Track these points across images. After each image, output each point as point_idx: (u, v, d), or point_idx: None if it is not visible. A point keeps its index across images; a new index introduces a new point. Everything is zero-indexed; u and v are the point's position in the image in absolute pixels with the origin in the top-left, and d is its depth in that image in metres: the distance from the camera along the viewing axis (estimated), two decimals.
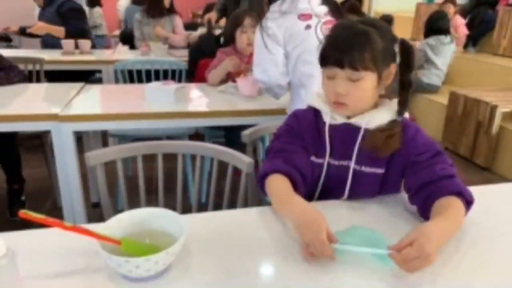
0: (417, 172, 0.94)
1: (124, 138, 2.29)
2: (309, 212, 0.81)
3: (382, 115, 0.97)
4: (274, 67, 1.54)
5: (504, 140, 3.13)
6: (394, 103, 0.99)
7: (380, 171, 0.98)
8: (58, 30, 3.28)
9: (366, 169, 0.98)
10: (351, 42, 0.91)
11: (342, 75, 0.92)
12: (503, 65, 4.08)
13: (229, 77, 2.19)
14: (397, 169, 0.98)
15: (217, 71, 2.19)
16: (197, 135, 2.43)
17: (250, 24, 2.16)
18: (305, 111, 1.06)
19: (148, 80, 2.64)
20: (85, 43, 3.33)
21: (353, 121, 0.98)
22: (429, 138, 0.99)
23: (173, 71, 2.80)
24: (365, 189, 1.01)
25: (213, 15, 2.83)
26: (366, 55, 0.90)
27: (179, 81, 2.75)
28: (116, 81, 2.84)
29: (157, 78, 2.75)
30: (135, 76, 2.76)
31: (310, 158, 1.01)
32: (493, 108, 3.11)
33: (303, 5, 1.48)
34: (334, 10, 1.51)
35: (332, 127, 1.00)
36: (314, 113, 1.03)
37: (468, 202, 0.88)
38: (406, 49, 0.96)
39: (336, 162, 1.00)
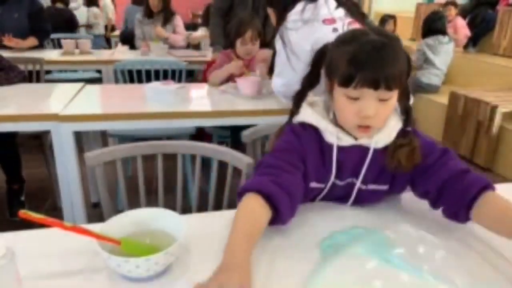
0: (432, 175, 0.89)
1: (124, 138, 2.29)
2: (236, 256, 0.70)
3: (390, 131, 0.91)
4: (297, 84, 1.50)
5: (504, 140, 3.13)
6: (396, 114, 0.94)
7: (384, 187, 0.96)
8: (31, 41, 3.12)
9: (371, 186, 0.95)
10: (383, 60, 0.81)
11: (372, 96, 0.82)
12: (503, 65, 4.08)
13: (230, 78, 2.19)
14: (402, 181, 0.95)
15: (220, 72, 2.18)
16: (205, 134, 2.43)
17: (250, 37, 2.17)
18: (303, 129, 0.93)
19: (148, 80, 2.64)
20: (85, 43, 3.34)
21: (362, 141, 0.91)
22: (428, 138, 0.95)
23: (173, 71, 2.80)
24: (368, 202, 0.98)
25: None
26: (397, 72, 0.82)
27: (179, 81, 2.75)
28: (116, 81, 2.84)
29: (157, 78, 2.74)
30: (135, 76, 2.76)
31: (308, 183, 0.91)
32: (493, 108, 3.11)
33: (324, 11, 1.45)
34: (352, 10, 1.48)
35: (339, 149, 0.91)
36: (315, 133, 0.92)
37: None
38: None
39: (341, 183, 0.95)
